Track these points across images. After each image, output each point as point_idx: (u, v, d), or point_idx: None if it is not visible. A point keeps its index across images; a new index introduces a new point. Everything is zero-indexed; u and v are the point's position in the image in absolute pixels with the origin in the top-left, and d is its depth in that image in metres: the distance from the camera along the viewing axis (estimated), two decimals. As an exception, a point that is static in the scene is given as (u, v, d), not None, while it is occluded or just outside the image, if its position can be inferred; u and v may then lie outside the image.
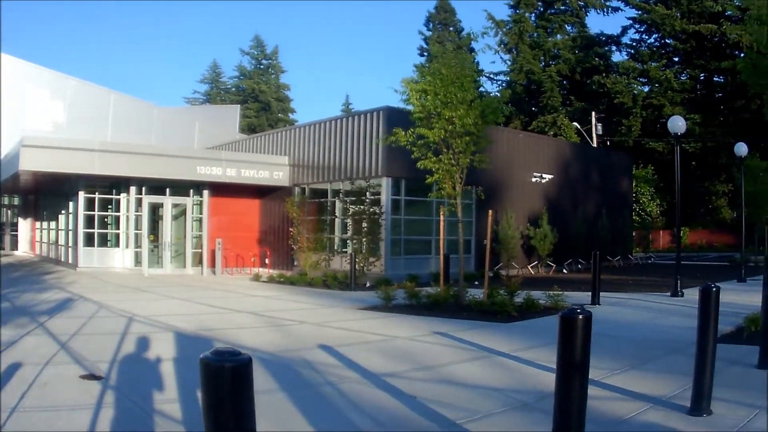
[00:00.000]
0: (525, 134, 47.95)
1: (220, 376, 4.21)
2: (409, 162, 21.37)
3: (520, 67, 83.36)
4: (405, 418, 8.39)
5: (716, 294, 8.51)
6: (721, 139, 70.31)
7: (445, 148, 20.12)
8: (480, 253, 33.56)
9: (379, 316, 18.70)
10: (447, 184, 20.40)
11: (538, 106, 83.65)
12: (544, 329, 15.65)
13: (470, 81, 20.21)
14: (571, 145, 52.92)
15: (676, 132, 24.13)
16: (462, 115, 19.50)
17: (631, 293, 24.74)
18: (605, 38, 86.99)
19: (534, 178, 39.56)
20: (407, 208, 32.67)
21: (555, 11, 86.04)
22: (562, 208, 41.09)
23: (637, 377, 10.68)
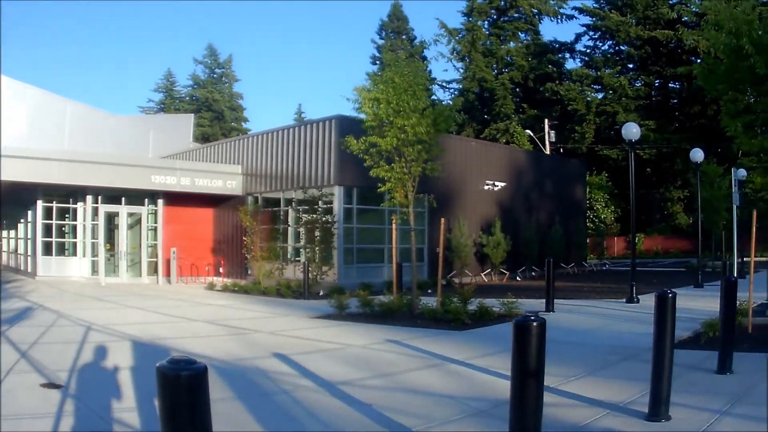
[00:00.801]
0: (477, 142, 48.25)
1: (176, 384, 4.29)
2: (362, 171, 21.46)
3: (473, 75, 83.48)
4: (361, 426, 8.43)
5: (672, 300, 8.54)
6: (676, 145, 70.85)
7: (397, 157, 20.18)
8: (433, 261, 33.64)
9: (333, 324, 18.76)
10: (399, 193, 20.48)
11: (490, 113, 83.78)
12: (498, 337, 15.67)
13: (422, 89, 20.30)
14: (524, 152, 53.51)
15: (630, 139, 24.22)
16: (414, 124, 19.59)
17: (585, 300, 24.90)
18: (559, 45, 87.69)
19: (486, 185, 39.79)
20: (360, 217, 32.83)
21: (508, 19, 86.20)
22: (515, 216, 41.30)
23: (593, 383, 10.76)
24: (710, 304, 18.96)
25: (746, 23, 14.30)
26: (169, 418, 4.31)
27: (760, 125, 15.56)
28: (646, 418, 8.50)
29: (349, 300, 20.98)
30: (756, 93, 15.21)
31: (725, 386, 10.19)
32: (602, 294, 27.44)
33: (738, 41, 14.40)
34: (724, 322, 11.31)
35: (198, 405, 4.32)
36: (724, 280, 11.49)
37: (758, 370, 10.92)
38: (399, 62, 20.62)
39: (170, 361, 4.34)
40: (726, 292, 11.26)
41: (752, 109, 15.36)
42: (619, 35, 78.78)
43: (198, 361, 4.36)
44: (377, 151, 20.14)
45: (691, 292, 26.90)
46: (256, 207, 35.73)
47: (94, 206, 34.97)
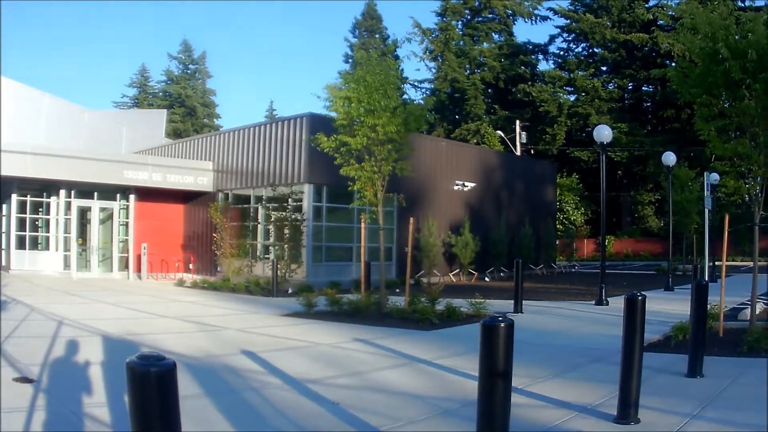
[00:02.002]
0: (448, 142, 48.17)
1: (146, 380, 4.34)
2: (332, 169, 21.42)
3: (445, 75, 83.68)
4: (329, 424, 8.39)
5: (642, 302, 8.52)
6: (649, 149, 71.13)
7: (367, 156, 20.16)
8: (401, 260, 33.87)
9: (302, 322, 18.75)
10: (369, 192, 20.47)
11: (461, 114, 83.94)
12: (466, 337, 15.64)
13: (394, 88, 20.31)
14: (495, 153, 53.67)
15: (602, 141, 24.33)
16: (385, 123, 19.58)
17: (554, 301, 24.97)
18: (532, 47, 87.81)
19: (456, 186, 39.91)
20: (329, 215, 32.93)
21: (482, 20, 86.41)
22: (485, 216, 41.39)
23: (561, 385, 10.72)
24: (681, 308, 19.10)
25: (723, 28, 14.36)
26: (139, 414, 4.37)
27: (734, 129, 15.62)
28: (614, 421, 8.46)
29: (317, 298, 21.01)
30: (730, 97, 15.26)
31: (696, 390, 10.17)
32: (571, 296, 27.52)
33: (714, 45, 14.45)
34: (695, 325, 11.31)
35: (167, 401, 4.40)
36: (694, 284, 11.48)
37: (729, 374, 11.07)
38: (371, 61, 20.50)
39: (140, 357, 4.41)
40: (697, 296, 11.27)
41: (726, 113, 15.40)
42: (594, 37, 78.96)
43: (167, 358, 4.43)
44: (347, 150, 20.12)
45: (662, 295, 26.89)
46: (226, 204, 35.79)
47: (67, 201, 34.86)
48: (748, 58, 13.92)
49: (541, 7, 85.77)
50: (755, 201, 15.46)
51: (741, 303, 21.53)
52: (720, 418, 8.59)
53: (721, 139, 15.67)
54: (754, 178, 15.34)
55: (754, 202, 15.49)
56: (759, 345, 12.96)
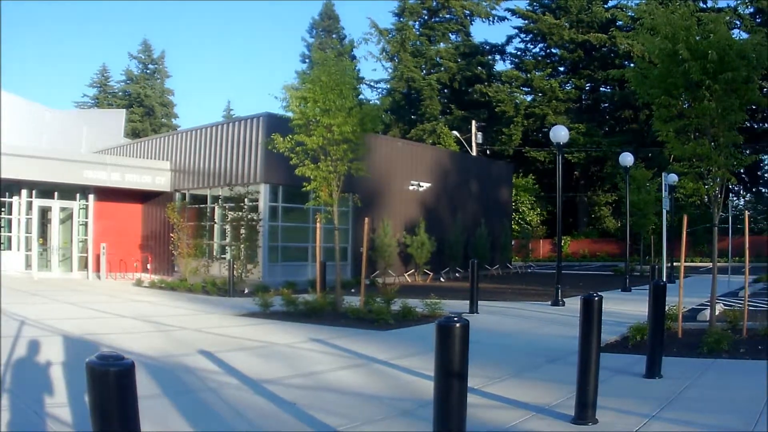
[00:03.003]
0: (403, 142, 48.22)
1: (105, 379, 4.44)
2: (288, 169, 21.41)
3: (401, 75, 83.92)
4: (286, 425, 8.38)
5: (598, 303, 8.56)
6: (606, 149, 71.60)
7: (323, 156, 20.20)
8: (357, 260, 33.70)
9: (258, 322, 18.71)
10: (324, 192, 20.56)
11: (417, 114, 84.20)
12: (421, 337, 15.63)
13: (350, 88, 20.34)
14: (450, 153, 53.87)
15: (558, 141, 24.46)
16: (341, 123, 19.64)
17: (510, 302, 24.93)
18: (489, 47, 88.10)
19: (412, 186, 39.97)
20: (285, 215, 32.90)
21: (439, 20, 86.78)
22: (440, 217, 41.51)
23: (518, 386, 10.73)
24: (638, 308, 19.13)
25: (683, 28, 14.42)
26: (99, 413, 4.47)
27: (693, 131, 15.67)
28: (572, 421, 8.47)
29: (273, 298, 20.91)
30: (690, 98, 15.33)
31: (654, 390, 10.16)
32: (527, 296, 27.52)
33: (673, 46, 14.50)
34: (653, 326, 11.33)
35: (126, 400, 4.52)
36: (652, 284, 11.50)
37: (689, 375, 11.07)
38: (327, 61, 20.55)
39: (99, 357, 4.51)
40: (654, 297, 11.27)
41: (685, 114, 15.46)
42: (552, 38, 79.32)
43: (126, 357, 4.53)
44: (303, 150, 20.16)
45: (619, 296, 27.00)
46: (183, 204, 35.68)
47: (28, 200, 34.64)
48: (708, 59, 13.98)
49: (499, 8, 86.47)
50: (714, 202, 15.53)
51: (700, 304, 21.64)
52: (679, 419, 8.57)
53: (680, 140, 15.72)
54: (714, 179, 15.41)
55: (714, 203, 15.57)
56: (719, 346, 12.99)
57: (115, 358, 4.52)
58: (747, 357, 12.67)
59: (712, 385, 10.61)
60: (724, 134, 14.96)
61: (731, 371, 11.60)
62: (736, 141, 15.20)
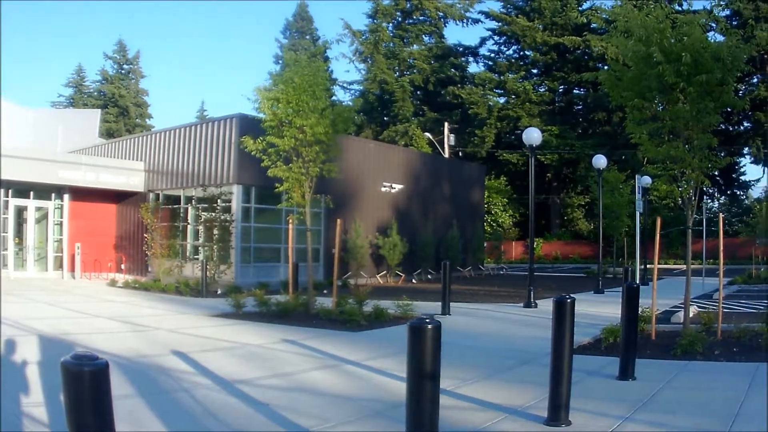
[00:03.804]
0: (376, 144, 48.77)
1: (80, 379, 4.52)
2: (261, 170, 21.42)
3: (374, 77, 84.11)
4: (259, 425, 8.37)
5: (571, 305, 8.56)
6: (579, 151, 71.86)
7: (295, 157, 20.24)
8: (329, 261, 33.70)
9: (231, 323, 18.73)
10: (296, 193, 20.50)
11: (390, 115, 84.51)
12: (393, 338, 15.62)
13: (322, 90, 20.40)
14: (422, 155, 53.68)
15: (531, 143, 24.49)
16: (313, 124, 19.69)
17: (482, 303, 25.04)
18: (463, 49, 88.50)
19: (384, 187, 40.11)
20: (258, 216, 33.05)
21: (413, 21, 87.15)
22: (412, 218, 41.62)
23: (491, 387, 10.72)
24: (611, 310, 19.25)
25: (658, 31, 14.45)
26: (74, 412, 4.53)
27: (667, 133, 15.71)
28: (545, 423, 8.44)
29: (246, 299, 21.00)
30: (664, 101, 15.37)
31: (627, 392, 10.15)
32: (500, 298, 27.60)
33: (647, 49, 14.53)
34: (626, 328, 11.32)
35: (100, 400, 4.59)
36: (625, 286, 11.51)
37: (662, 377, 11.07)
38: (300, 62, 20.61)
39: (74, 357, 4.58)
40: (628, 298, 11.28)
41: (659, 116, 15.50)
42: (525, 40, 79.66)
43: (100, 357, 4.58)
44: (275, 151, 20.20)
45: (592, 298, 27.15)
46: (157, 204, 35.67)
47: (5, 200, 34.55)
48: (682, 62, 14.01)
49: (473, 10, 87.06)
50: (688, 204, 15.57)
51: (674, 306, 21.71)
52: (654, 420, 8.56)
53: (654, 142, 15.75)
54: (688, 181, 15.44)
55: (688, 205, 15.60)
56: (693, 348, 13.01)
57: (90, 358, 4.56)
58: (722, 359, 12.69)
59: (687, 386, 10.61)
60: (698, 136, 15.00)
61: (706, 373, 11.61)
62: (710, 143, 15.24)
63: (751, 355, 12.71)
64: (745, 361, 12.37)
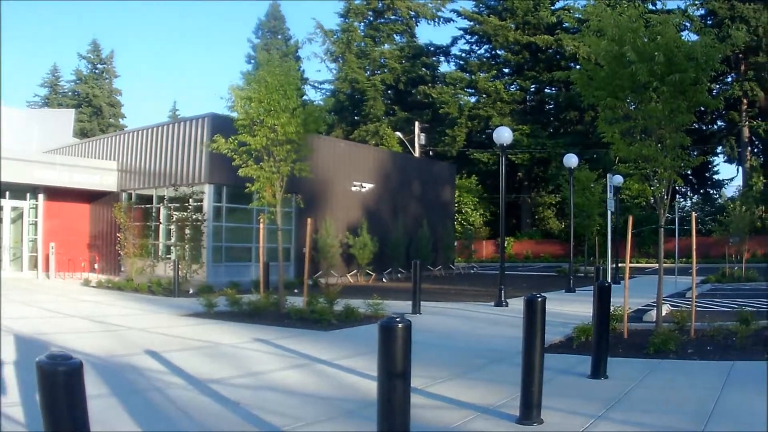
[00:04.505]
0: (346, 143, 49.04)
1: (54, 378, 4.57)
2: (232, 169, 21.34)
3: (345, 76, 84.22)
4: (231, 424, 8.39)
5: (542, 303, 8.57)
6: (551, 150, 72.13)
7: (266, 156, 20.25)
8: (300, 260, 33.79)
9: (203, 322, 18.76)
10: (267, 192, 20.53)
11: (361, 115, 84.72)
12: (364, 338, 15.68)
13: (294, 89, 20.43)
14: (393, 154, 54.06)
15: (501, 143, 24.51)
16: (284, 123, 19.74)
17: (453, 303, 25.06)
18: (434, 49, 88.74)
19: (354, 187, 40.19)
20: (229, 216, 33.13)
21: (385, 21, 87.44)
22: (383, 217, 41.75)
23: (462, 386, 10.75)
24: (583, 309, 19.44)
25: (631, 31, 14.47)
26: (49, 411, 4.59)
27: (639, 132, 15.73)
28: (517, 421, 8.44)
29: (218, 298, 21.00)
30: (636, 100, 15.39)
31: (600, 391, 10.18)
32: (470, 297, 27.63)
33: (620, 48, 14.55)
34: (598, 326, 11.34)
35: (74, 399, 4.66)
36: (597, 285, 11.53)
37: (635, 376, 11.09)
38: (272, 62, 20.69)
39: (48, 357, 4.68)
40: (599, 297, 11.29)
41: (631, 116, 15.51)
42: (497, 39, 79.87)
43: (74, 357, 4.61)
44: (247, 150, 20.21)
45: (563, 297, 27.24)
46: (129, 204, 35.69)
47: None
48: (656, 61, 14.04)
49: (445, 9, 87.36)
50: (660, 203, 15.60)
51: (646, 305, 21.77)
52: (627, 419, 8.56)
53: (626, 141, 15.76)
54: (660, 180, 15.47)
55: (660, 204, 15.64)
56: (666, 347, 13.03)
57: (64, 357, 4.61)
58: (695, 357, 12.71)
59: (660, 385, 10.61)
60: (671, 136, 15.01)
61: (679, 372, 11.62)
62: (683, 142, 15.27)
63: (726, 354, 12.72)
64: (719, 359, 12.37)
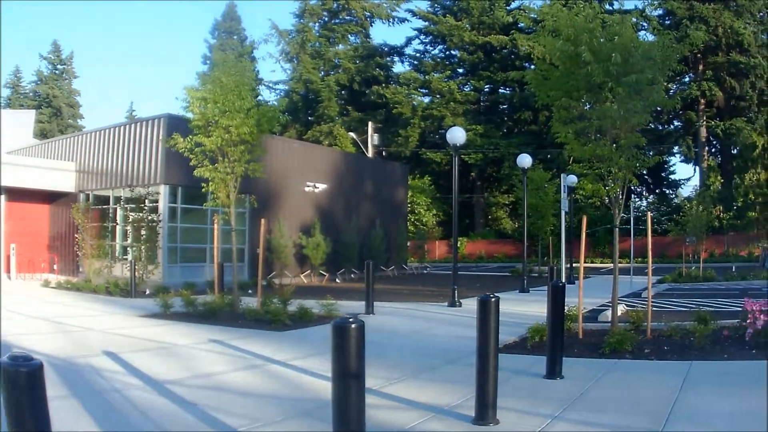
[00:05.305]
0: (300, 143, 49.34)
1: (16, 379, 4.63)
2: (188, 170, 21.39)
3: (300, 76, 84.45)
4: (188, 425, 8.42)
5: (495, 304, 8.58)
6: (504, 150, 72.52)
7: (221, 157, 20.24)
8: (254, 261, 34.02)
9: (159, 323, 18.83)
10: (222, 193, 20.56)
11: (315, 115, 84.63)
12: (319, 338, 15.67)
13: (248, 90, 20.49)
14: (346, 155, 54.14)
15: (455, 143, 24.53)
16: (239, 124, 19.77)
17: (407, 303, 25.18)
18: (388, 49, 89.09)
19: (308, 187, 40.27)
20: (184, 216, 33.10)
21: (340, 21, 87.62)
22: (336, 218, 41.85)
23: (417, 386, 10.77)
24: (537, 309, 19.47)
25: (587, 31, 14.49)
26: (11, 412, 4.63)
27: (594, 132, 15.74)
28: (473, 422, 8.50)
29: (174, 299, 21.04)
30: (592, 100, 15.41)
31: (556, 391, 10.21)
32: (424, 297, 27.73)
33: (575, 48, 14.56)
34: (552, 326, 11.37)
35: (36, 399, 4.73)
36: (551, 285, 11.60)
37: (591, 376, 11.15)
38: (227, 62, 20.80)
39: (10, 358, 4.73)
40: (553, 297, 11.33)
41: (586, 116, 15.52)
42: (452, 40, 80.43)
43: (35, 358, 4.80)
44: (202, 151, 20.18)
45: (517, 297, 27.32)
46: (87, 204, 35.53)
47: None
48: (612, 61, 14.08)
49: (400, 9, 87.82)
50: (615, 203, 15.65)
51: (601, 305, 21.99)
52: (584, 419, 8.63)
53: (580, 141, 15.78)
54: (615, 180, 15.51)
55: (615, 204, 15.68)
56: (622, 346, 13.10)
57: (25, 358, 4.69)
58: (652, 357, 12.76)
59: (617, 385, 10.67)
60: (626, 136, 15.05)
61: (636, 372, 11.66)
62: (638, 142, 15.28)
63: (683, 354, 12.80)
64: (677, 359, 12.46)
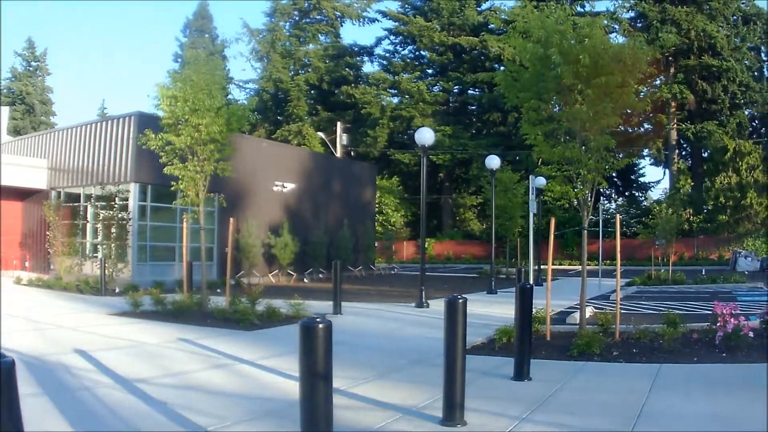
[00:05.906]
0: (269, 143, 49.32)
1: None
2: (158, 168, 21.37)
3: (269, 76, 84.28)
4: (158, 424, 8.42)
5: (462, 305, 8.62)
6: (472, 151, 72.40)
7: (190, 155, 20.24)
8: (222, 260, 33.95)
9: (129, 321, 18.83)
10: (191, 191, 20.55)
11: (284, 115, 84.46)
12: (286, 338, 15.71)
13: (219, 88, 20.54)
14: (314, 154, 54.02)
15: (423, 144, 24.50)
16: (208, 123, 19.81)
17: (374, 303, 25.16)
18: (358, 49, 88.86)
19: (276, 186, 40.29)
20: (154, 215, 33.04)
21: (310, 21, 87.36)
22: (304, 218, 41.89)
23: (384, 387, 10.80)
24: (505, 311, 19.66)
25: (557, 33, 14.53)
26: None
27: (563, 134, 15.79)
28: (440, 423, 8.53)
29: (143, 298, 21.03)
30: (561, 102, 15.45)
31: (524, 393, 10.25)
32: (391, 298, 27.73)
33: (546, 50, 14.61)
34: (520, 328, 11.40)
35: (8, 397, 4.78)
36: (518, 287, 11.60)
37: (559, 378, 11.18)
38: (198, 60, 20.90)
39: None
40: (521, 299, 11.37)
41: (556, 117, 15.56)
42: (422, 40, 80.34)
43: (6, 355, 4.85)
44: (172, 149, 20.14)
45: (484, 298, 27.39)
46: (59, 202, 35.51)
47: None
48: (581, 63, 14.13)
49: (370, 9, 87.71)
50: (584, 205, 15.70)
51: (569, 307, 21.97)
52: (553, 421, 8.69)
53: (549, 143, 15.80)
54: (584, 182, 15.56)
55: (583, 206, 15.73)
56: (590, 349, 13.12)
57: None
58: (621, 360, 12.80)
59: (585, 387, 10.69)
60: (595, 138, 15.08)
61: (604, 374, 11.70)
62: (608, 144, 15.30)
63: (652, 356, 12.85)
64: (645, 362, 12.50)
